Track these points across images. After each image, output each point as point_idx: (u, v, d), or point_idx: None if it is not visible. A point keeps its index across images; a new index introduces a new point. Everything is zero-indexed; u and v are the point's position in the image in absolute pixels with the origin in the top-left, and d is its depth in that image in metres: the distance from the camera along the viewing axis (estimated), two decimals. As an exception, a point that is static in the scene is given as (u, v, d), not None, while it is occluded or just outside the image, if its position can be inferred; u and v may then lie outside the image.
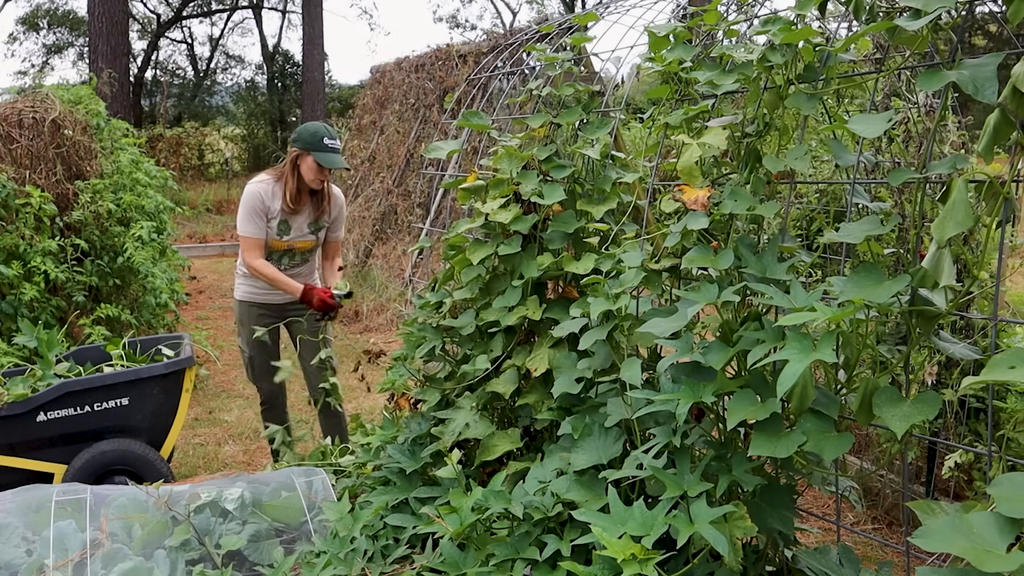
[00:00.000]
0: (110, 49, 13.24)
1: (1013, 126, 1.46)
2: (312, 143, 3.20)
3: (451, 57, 8.55)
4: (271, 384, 3.49)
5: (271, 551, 2.28)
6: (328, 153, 3.20)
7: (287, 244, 3.35)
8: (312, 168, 3.21)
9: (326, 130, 3.24)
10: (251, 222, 3.26)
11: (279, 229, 3.33)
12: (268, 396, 3.55)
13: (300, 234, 3.37)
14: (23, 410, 2.98)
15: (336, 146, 3.24)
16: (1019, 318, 3.56)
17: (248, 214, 3.26)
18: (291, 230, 3.34)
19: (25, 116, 4.99)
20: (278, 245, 3.35)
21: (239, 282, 3.48)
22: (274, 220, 3.31)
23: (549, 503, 1.88)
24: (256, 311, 3.42)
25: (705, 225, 1.79)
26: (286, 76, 23.99)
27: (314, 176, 3.23)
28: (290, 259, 3.41)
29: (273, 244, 3.34)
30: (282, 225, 3.33)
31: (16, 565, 2.12)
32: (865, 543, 3.09)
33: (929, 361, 2.83)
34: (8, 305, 4.43)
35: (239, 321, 3.49)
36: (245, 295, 3.44)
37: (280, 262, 3.38)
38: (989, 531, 1.19)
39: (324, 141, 3.21)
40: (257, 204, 3.26)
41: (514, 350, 2.38)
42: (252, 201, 3.26)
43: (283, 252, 3.38)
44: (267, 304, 3.42)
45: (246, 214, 3.27)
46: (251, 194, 3.27)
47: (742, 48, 1.96)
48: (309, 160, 3.21)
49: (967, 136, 3.35)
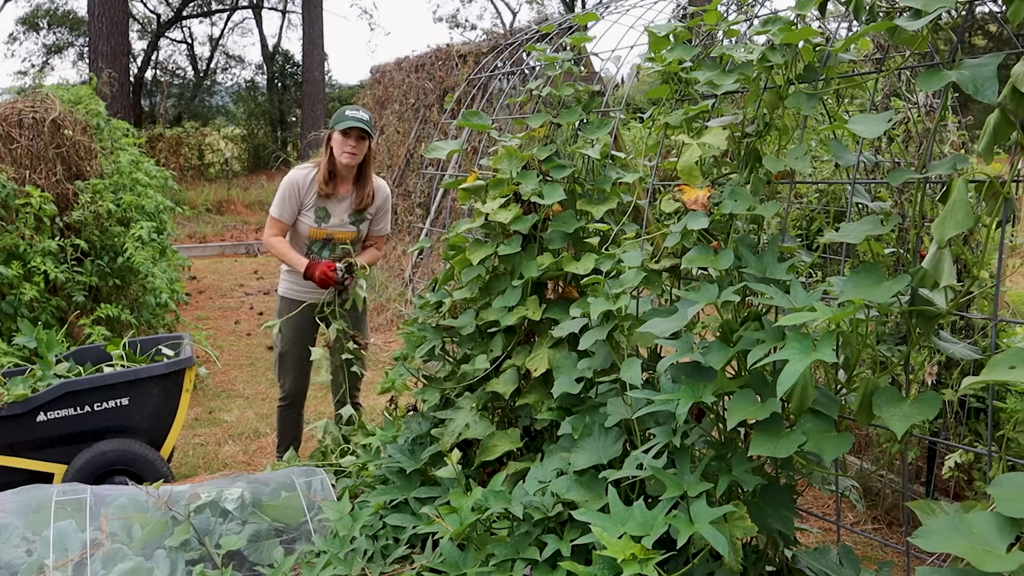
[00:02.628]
0: (110, 49, 13.25)
1: (1013, 126, 1.46)
2: (336, 119, 3.22)
3: (451, 57, 8.55)
4: (295, 383, 3.48)
5: (271, 551, 2.28)
6: (347, 120, 3.17)
7: (326, 233, 3.31)
8: (338, 140, 3.20)
9: (350, 107, 3.27)
10: (280, 204, 3.29)
11: (317, 215, 3.30)
12: (290, 395, 3.51)
13: (340, 223, 3.33)
14: (23, 410, 2.98)
15: (357, 115, 3.20)
16: (1019, 318, 3.56)
17: (280, 196, 3.29)
18: (330, 218, 3.30)
19: (25, 116, 4.99)
20: (316, 233, 3.30)
21: (282, 277, 3.47)
22: (311, 207, 3.29)
23: (549, 503, 1.88)
24: (295, 309, 3.38)
25: (705, 225, 1.79)
26: (286, 76, 24.00)
27: (341, 148, 3.20)
28: (331, 252, 3.35)
29: (311, 233, 3.30)
30: (320, 212, 3.30)
31: (16, 565, 2.12)
32: (865, 543, 3.09)
33: (929, 361, 2.83)
34: (8, 305, 4.43)
35: (277, 315, 3.45)
36: (286, 291, 3.42)
37: (320, 255, 3.34)
38: (989, 531, 1.19)
39: (346, 112, 3.21)
40: (291, 188, 3.28)
41: (514, 350, 2.38)
42: (287, 185, 3.30)
43: (323, 242, 3.33)
44: (306, 303, 3.37)
45: (279, 196, 3.29)
46: (288, 179, 3.32)
47: (742, 48, 1.96)
48: (335, 135, 3.21)
49: (967, 136, 3.35)
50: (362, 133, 3.19)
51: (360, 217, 3.37)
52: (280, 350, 3.45)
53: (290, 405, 3.54)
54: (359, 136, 3.20)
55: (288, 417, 3.55)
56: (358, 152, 3.23)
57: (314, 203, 3.29)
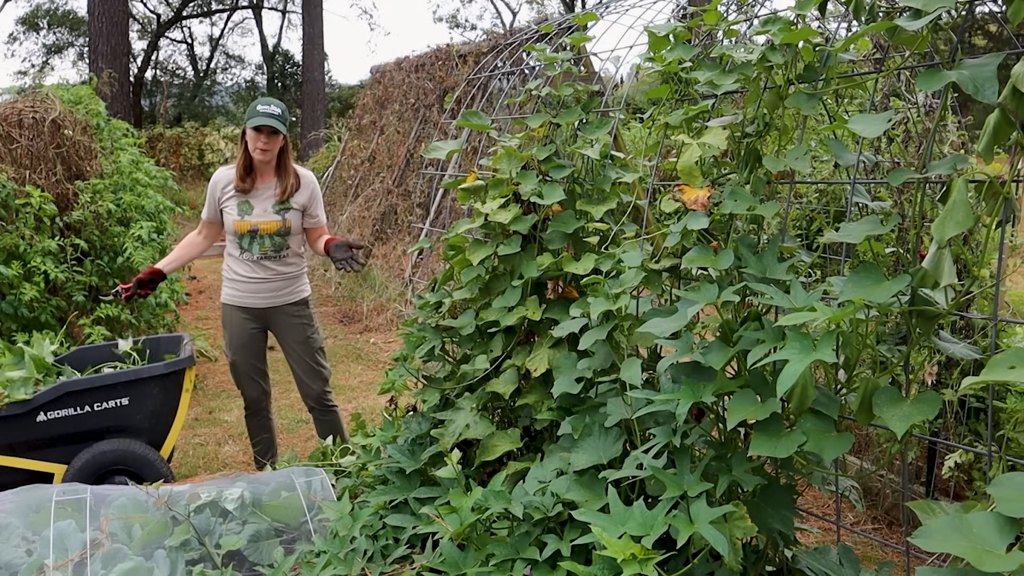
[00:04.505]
0: (110, 49, 13.25)
1: (1013, 126, 1.46)
2: (248, 114, 3.23)
3: (451, 57, 8.55)
4: (254, 390, 3.49)
5: (271, 551, 2.28)
6: (258, 116, 3.17)
7: (250, 224, 3.29)
8: (251, 136, 3.20)
9: (263, 100, 3.24)
10: (206, 201, 3.39)
11: (240, 209, 3.29)
12: (251, 402, 3.52)
13: (263, 213, 3.31)
14: (23, 410, 2.98)
15: (269, 111, 3.18)
16: (1019, 318, 3.56)
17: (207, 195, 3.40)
18: (253, 210, 3.30)
19: (25, 116, 4.99)
20: (241, 226, 3.30)
21: (223, 284, 3.47)
22: (232, 202, 3.30)
23: (549, 503, 1.88)
24: (238, 314, 3.40)
25: (705, 225, 1.79)
26: (286, 76, 24.02)
27: (253, 144, 3.20)
28: (260, 245, 3.32)
29: (236, 226, 3.30)
30: (243, 205, 3.30)
31: (16, 565, 2.12)
32: (865, 543, 3.09)
33: (929, 361, 2.83)
34: (8, 305, 4.43)
35: (223, 324, 3.47)
36: (227, 298, 3.43)
37: (251, 248, 3.32)
38: (989, 531, 1.19)
39: (257, 108, 3.20)
40: (211, 186, 3.36)
41: (514, 350, 2.38)
42: (211, 181, 3.39)
43: (250, 236, 3.31)
44: (248, 308, 3.39)
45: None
46: (213, 175, 3.40)
47: (742, 48, 1.96)
48: (248, 130, 3.21)
49: (967, 136, 3.35)
50: (272, 130, 3.18)
51: (285, 206, 3.34)
52: (230, 358, 3.47)
53: (254, 412, 3.55)
54: (270, 132, 3.18)
55: (255, 423, 3.56)
56: (270, 147, 3.22)
57: (234, 197, 3.30)
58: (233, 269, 3.38)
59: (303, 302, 3.48)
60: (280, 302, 3.41)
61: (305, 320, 3.47)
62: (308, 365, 3.47)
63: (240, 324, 3.40)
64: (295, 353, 3.47)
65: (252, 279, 3.35)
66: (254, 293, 3.37)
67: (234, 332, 3.41)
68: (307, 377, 3.47)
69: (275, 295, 3.39)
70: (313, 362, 3.48)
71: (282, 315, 3.42)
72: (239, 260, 3.35)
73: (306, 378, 3.48)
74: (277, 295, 3.39)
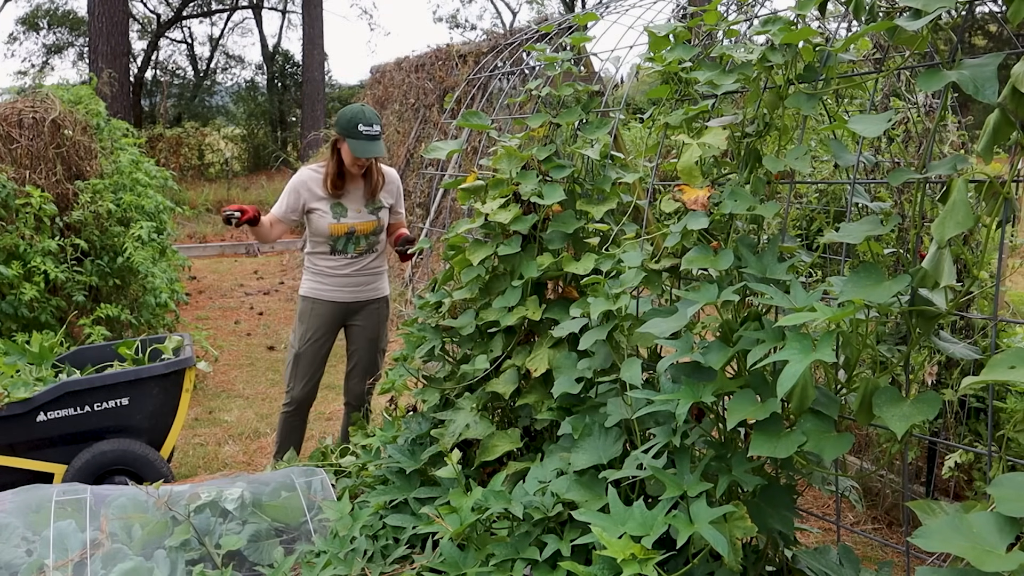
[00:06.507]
0: (110, 49, 13.25)
1: (1013, 126, 1.46)
2: (348, 129, 3.14)
3: (451, 57, 8.55)
4: (304, 389, 3.43)
5: (271, 551, 2.28)
6: (362, 141, 3.12)
7: (347, 227, 3.29)
8: (349, 155, 3.19)
9: (363, 115, 3.14)
10: (282, 200, 3.30)
11: (334, 212, 3.29)
12: (296, 401, 3.44)
13: (359, 215, 3.32)
14: (23, 410, 2.98)
15: (372, 132, 3.13)
16: (1019, 318, 3.56)
17: (285, 193, 3.30)
18: (348, 212, 3.30)
19: (25, 116, 4.99)
20: (337, 229, 3.28)
21: (304, 277, 3.46)
22: (322, 203, 3.27)
23: (549, 503, 1.88)
24: (321, 308, 3.37)
25: (705, 225, 1.79)
26: (286, 76, 24.01)
27: (352, 161, 3.20)
28: (355, 245, 3.33)
29: (332, 229, 3.28)
30: (336, 208, 3.28)
31: (16, 565, 2.12)
32: (865, 543, 3.09)
33: (929, 361, 2.83)
34: (8, 305, 4.43)
35: (299, 318, 3.43)
36: (312, 292, 3.40)
37: (346, 250, 3.33)
38: (989, 531, 1.19)
39: (359, 128, 3.12)
40: (298, 184, 3.28)
41: (514, 350, 2.38)
42: (295, 181, 3.30)
43: (346, 238, 3.31)
44: (335, 302, 3.38)
45: (283, 193, 3.30)
46: (298, 176, 3.33)
47: (742, 48, 1.96)
48: (345, 146, 3.18)
49: (967, 136, 3.35)
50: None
51: (376, 205, 3.36)
52: (296, 350, 3.40)
53: (296, 412, 3.47)
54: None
55: (292, 424, 3.49)
56: (369, 163, 3.26)
57: (325, 200, 3.28)
58: (322, 265, 3.37)
59: (385, 300, 3.52)
60: (366, 296, 3.43)
61: (383, 317, 3.50)
62: (370, 361, 3.48)
63: (319, 318, 3.37)
64: (362, 348, 3.47)
65: (343, 275, 3.36)
66: (343, 287, 3.37)
67: (312, 325, 3.38)
68: (363, 373, 3.47)
69: (362, 290, 3.41)
70: (375, 360, 3.50)
71: (365, 309, 3.44)
72: (329, 257, 3.35)
73: (361, 374, 3.47)
74: (364, 290, 3.42)
